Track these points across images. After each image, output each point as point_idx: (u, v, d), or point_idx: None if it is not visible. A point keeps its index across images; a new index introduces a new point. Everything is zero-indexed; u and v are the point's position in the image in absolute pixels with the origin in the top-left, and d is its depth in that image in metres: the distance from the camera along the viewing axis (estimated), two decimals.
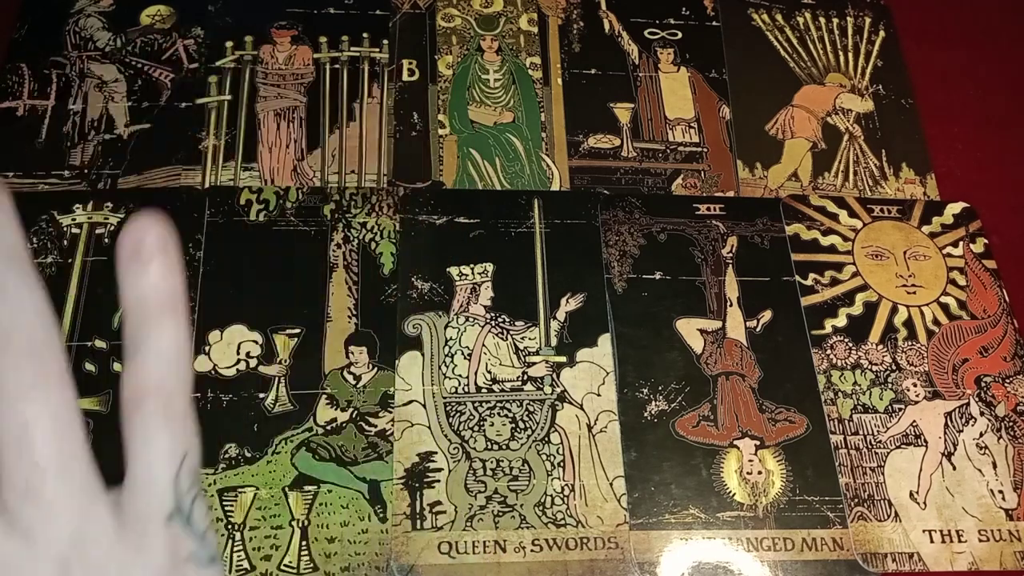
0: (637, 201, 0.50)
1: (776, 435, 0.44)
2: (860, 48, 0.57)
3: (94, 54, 0.51)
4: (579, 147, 0.51)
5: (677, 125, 0.53)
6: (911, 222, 0.51)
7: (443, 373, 0.44)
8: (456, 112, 0.52)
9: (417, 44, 0.54)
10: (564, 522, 0.41)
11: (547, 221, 0.48)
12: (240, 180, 0.48)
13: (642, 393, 0.44)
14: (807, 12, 0.58)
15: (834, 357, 0.46)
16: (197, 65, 0.52)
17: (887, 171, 0.53)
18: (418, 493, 0.41)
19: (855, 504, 0.42)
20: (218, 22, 0.53)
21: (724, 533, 0.41)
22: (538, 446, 0.42)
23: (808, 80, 0.56)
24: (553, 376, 0.44)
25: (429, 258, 0.47)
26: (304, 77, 0.52)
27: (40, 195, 0.47)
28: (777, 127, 0.54)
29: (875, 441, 0.44)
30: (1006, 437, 0.45)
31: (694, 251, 0.48)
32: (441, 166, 0.50)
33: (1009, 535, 0.42)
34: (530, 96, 0.53)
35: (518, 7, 0.56)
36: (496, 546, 0.40)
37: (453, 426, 0.43)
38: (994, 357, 0.47)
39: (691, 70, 0.55)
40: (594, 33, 0.56)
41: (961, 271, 0.49)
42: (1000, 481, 0.44)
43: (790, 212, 0.50)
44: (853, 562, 0.41)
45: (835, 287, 0.48)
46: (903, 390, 0.45)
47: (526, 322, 0.45)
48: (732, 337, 0.46)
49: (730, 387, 0.45)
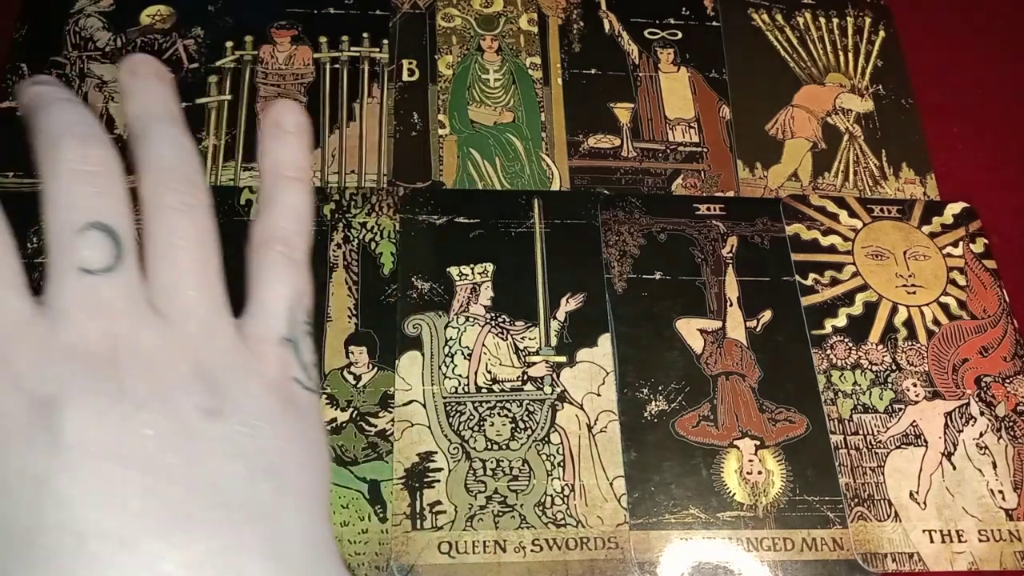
0: (637, 201, 0.50)
1: (776, 435, 0.44)
2: (860, 48, 0.57)
3: (94, 54, 0.51)
4: (579, 147, 0.51)
5: (677, 125, 0.53)
6: (911, 222, 0.51)
7: (443, 373, 0.44)
8: (456, 112, 0.52)
9: (417, 44, 0.54)
10: (564, 522, 0.41)
11: (547, 221, 0.48)
12: (240, 180, 0.48)
13: (642, 393, 0.44)
14: (807, 12, 0.58)
15: (834, 357, 0.46)
16: (197, 65, 0.52)
17: (887, 171, 0.53)
18: (418, 493, 0.41)
19: (855, 504, 0.42)
20: (218, 22, 0.53)
21: (724, 533, 0.41)
22: (538, 446, 0.42)
23: (808, 80, 0.56)
24: (553, 376, 0.44)
25: (429, 258, 0.47)
26: (304, 77, 0.52)
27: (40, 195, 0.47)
28: (777, 127, 0.54)
29: (875, 441, 0.44)
30: (1006, 437, 0.45)
31: (694, 251, 0.48)
32: (441, 166, 0.50)
33: (1009, 535, 0.42)
34: (530, 96, 0.53)
35: (518, 7, 0.56)
36: (496, 546, 0.40)
37: (453, 426, 0.43)
38: (994, 357, 0.47)
39: (691, 70, 0.55)
40: (594, 33, 0.56)
41: (961, 271, 0.49)
42: (1000, 481, 0.44)
43: (790, 212, 0.50)
44: (853, 562, 0.41)
45: (835, 287, 0.48)
46: (903, 390, 0.45)
47: (526, 322, 0.45)
48: (732, 337, 0.46)
49: (730, 387, 0.45)
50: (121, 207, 0.21)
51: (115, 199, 0.21)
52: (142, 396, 0.19)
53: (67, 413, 0.18)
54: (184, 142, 0.23)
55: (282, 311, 0.22)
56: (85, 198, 0.20)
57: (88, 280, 0.19)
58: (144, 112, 0.23)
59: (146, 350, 0.19)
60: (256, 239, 0.23)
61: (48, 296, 0.19)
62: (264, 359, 0.21)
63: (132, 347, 0.19)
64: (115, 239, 0.20)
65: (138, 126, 0.23)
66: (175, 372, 0.20)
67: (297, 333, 0.22)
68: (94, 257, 0.20)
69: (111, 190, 0.21)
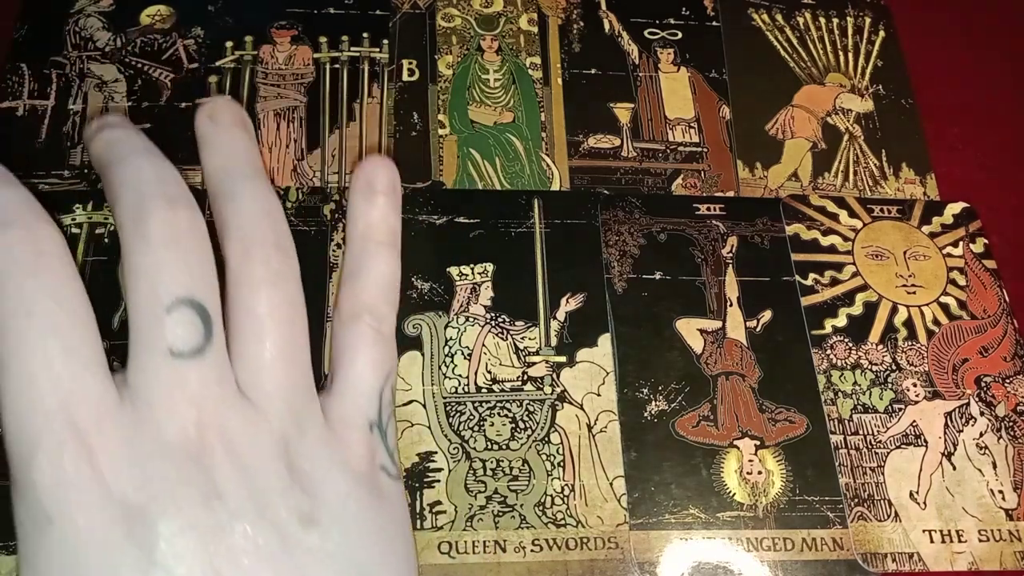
0: (637, 201, 0.50)
1: (776, 435, 0.44)
2: (860, 48, 0.57)
3: (94, 54, 0.51)
4: (579, 147, 0.52)
5: (677, 125, 0.53)
6: (911, 222, 0.51)
7: (443, 373, 0.44)
8: (456, 112, 0.52)
9: (417, 44, 0.54)
10: (564, 522, 0.41)
11: (547, 221, 0.48)
12: None
13: (642, 393, 0.44)
14: (807, 12, 0.58)
15: (834, 357, 0.46)
16: (197, 65, 0.52)
17: (887, 171, 0.53)
18: (418, 493, 0.41)
19: (855, 504, 0.42)
20: (218, 22, 0.53)
21: (724, 533, 0.41)
22: (538, 446, 0.43)
23: (808, 80, 0.56)
24: (553, 376, 0.44)
25: (429, 258, 0.47)
26: (304, 77, 0.52)
27: (40, 195, 0.47)
28: (777, 127, 0.54)
29: (875, 441, 0.44)
30: (1006, 437, 0.45)
31: (694, 251, 0.48)
32: (441, 166, 0.50)
33: (1009, 535, 0.42)
34: (530, 96, 0.53)
35: (518, 7, 0.56)
36: (496, 546, 0.40)
37: (453, 426, 0.43)
38: (994, 357, 0.47)
39: (691, 70, 0.55)
40: (594, 33, 0.56)
41: (961, 271, 0.49)
42: (1000, 481, 0.44)
43: (790, 212, 0.50)
44: (853, 562, 0.41)
45: (835, 287, 0.48)
46: (903, 390, 0.45)
47: (526, 322, 0.46)
48: (732, 337, 0.46)
49: (730, 387, 0.45)
50: (211, 280, 0.19)
51: (204, 270, 0.19)
52: (237, 502, 0.17)
53: (160, 527, 0.16)
54: (272, 202, 0.21)
55: (372, 392, 0.21)
56: (174, 270, 0.18)
57: (177, 365, 0.18)
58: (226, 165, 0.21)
59: (237, 440, 0.18)
60: (344, 310, 0.22)
61: (132, 379, 0.18)
62: (352, 447, 0.20)
63: (224, 440, 0.18)
64: (204, 316, 0.18)
65: (220, 182, 0.21)
66: (269, 470, 0.18)
67: (385, 417, 0.21)
68: (184, 339, 0.18)
69: (200, 260, 0.19)
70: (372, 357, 0.21)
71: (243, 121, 0.21)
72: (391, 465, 0.21)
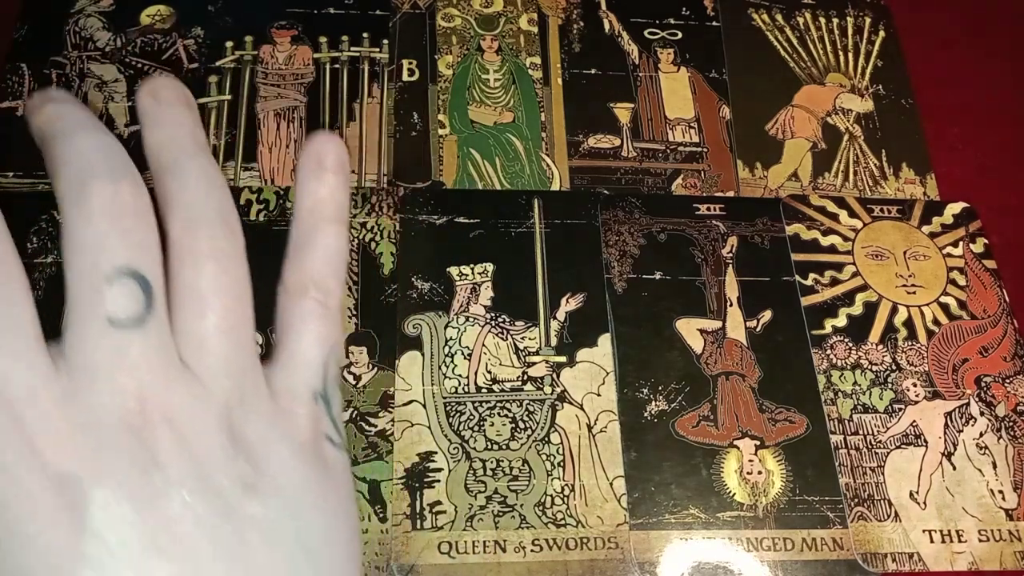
0: (637, 201, 0.50)
1: (776, 435, 0.44)
2: (860, 48, 0.57)
3: (94, 54, 0.51)
4: (579, 147, 0.51)
5: (677, 125, 0.53)
6: (911, 222, 0.51)
7: (443, 373, 0.44)
8: (456, 112, 0.52)
9: (417, 44, 0.54)
10: (564, 522, 0.41)
11: (547, 221, 0.48)
12: (240, 180, 0.48)
13: (642, 393, 0.44)
14: (807, 12, 0.58)
15: (834, 357, 0.46)
16: (197, 65, 0.52)
17: (887, 171, 0.53)
18: (418, 493, 0.41)
19: (855, 504, 0.42)
20: (218, 22, 0.53)
21: (724, 533, 0.41)
22: (538, 446, 0.43)
23: (808, 80, 0.56)
24: (553, 376, 0.44)
25: (429, 258, 0.47)
26: (304, 77, 0.52)
27: (40, 195, 0.47)
28: (777, 127, 0.54)
29: (875, 441, 0.44)
30: (1006, 437, 0.45)
31: (694, 251, 0.48)
32: (441, 166, 0.50)
33: (1009, 535, 0.42)
34: (530, 96, 0.53)
35: (518, 7, 0.56)
36: (496, 546, 0.40)
37: (453, 426, 0.43)
38: (994, 357, 0.47)
39: (691, 70, 0.55)
40: (594, 33, 0.56)
41: (961, 271, 0.49)
42: (1000, 481, 0.44)
43: (790, 212, 0.50)
44: (853, 562, 0.41)
45: (835, 287, 0.48)
46: (903, 390, 0.45)
47: (526, 322, 0.45)
48: (732, 337, 0.46)
49: (730, 387, 0.45)
50: (154, 252, 0.19)
51: (147, 243, 0.19)
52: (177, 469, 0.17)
53: (94, 493, 0.16)
54: (216, 177, 0.20)
55: (316, 364, 0.21)
56: (116, 242, 0.18)
57: (117, 335, 0.17)
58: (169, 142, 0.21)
59: (179, 413, 0.18)
60: (289, 283, 0.21)
61: (69, 350, 0.18)
62: (296, 418, 0.20)
63: (164, 410, 0.18)
64: (146, 288, 0.18)
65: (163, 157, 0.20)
66: (211, 439, 0.18)
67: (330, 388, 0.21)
68: (124, 308, 0.18)
69: (143, 233, 0.19)
70: (318, 330, 0.21)
71: (187, 99, 0.21)
72: (335, 434, 0.21)
